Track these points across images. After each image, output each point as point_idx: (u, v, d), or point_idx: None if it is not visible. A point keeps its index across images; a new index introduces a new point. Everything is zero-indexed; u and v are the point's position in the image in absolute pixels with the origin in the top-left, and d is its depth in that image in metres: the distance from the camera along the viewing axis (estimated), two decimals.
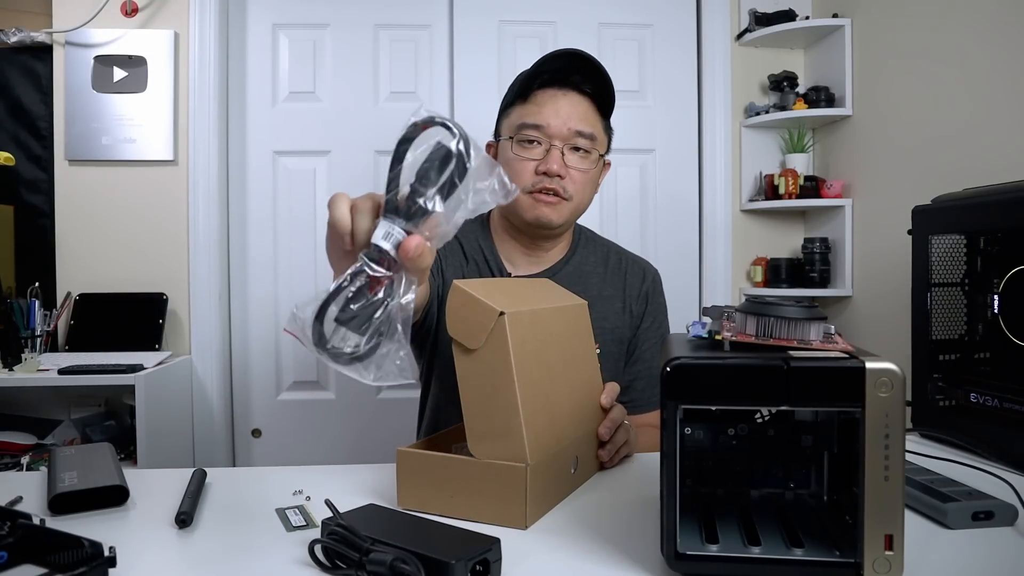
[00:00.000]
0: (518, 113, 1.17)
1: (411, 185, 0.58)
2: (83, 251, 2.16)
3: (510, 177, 1.00)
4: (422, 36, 2.30)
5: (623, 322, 1.24)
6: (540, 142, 1.15)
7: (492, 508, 0.72)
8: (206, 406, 2.19)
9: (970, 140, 1.67)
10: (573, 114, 1.15)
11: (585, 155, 1.17)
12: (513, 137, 1.17)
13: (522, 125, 1.16)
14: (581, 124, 1.15)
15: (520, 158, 1.15)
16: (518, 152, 1.16)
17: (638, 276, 1.28)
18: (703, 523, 0.64)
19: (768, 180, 2.27)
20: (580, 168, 1.16)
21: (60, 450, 0.89)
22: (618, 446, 0.92)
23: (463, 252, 1.25)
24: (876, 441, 0.54)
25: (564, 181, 1.14)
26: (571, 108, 1.15)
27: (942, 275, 1.08)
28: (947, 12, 1.75)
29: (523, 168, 1.15)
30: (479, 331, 0.73)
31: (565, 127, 1.14)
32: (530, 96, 1.17)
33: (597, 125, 1.18)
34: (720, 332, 0.61)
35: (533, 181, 1.15)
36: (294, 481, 0.84)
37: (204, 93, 2.17)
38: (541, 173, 1.14)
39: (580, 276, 1.23)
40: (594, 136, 1.17)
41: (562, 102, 1.15)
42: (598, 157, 1.18)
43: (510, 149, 1.17)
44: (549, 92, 1.16)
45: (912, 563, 0.58)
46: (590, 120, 1.17)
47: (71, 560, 0.58)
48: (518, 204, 1.17)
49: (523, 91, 1.17)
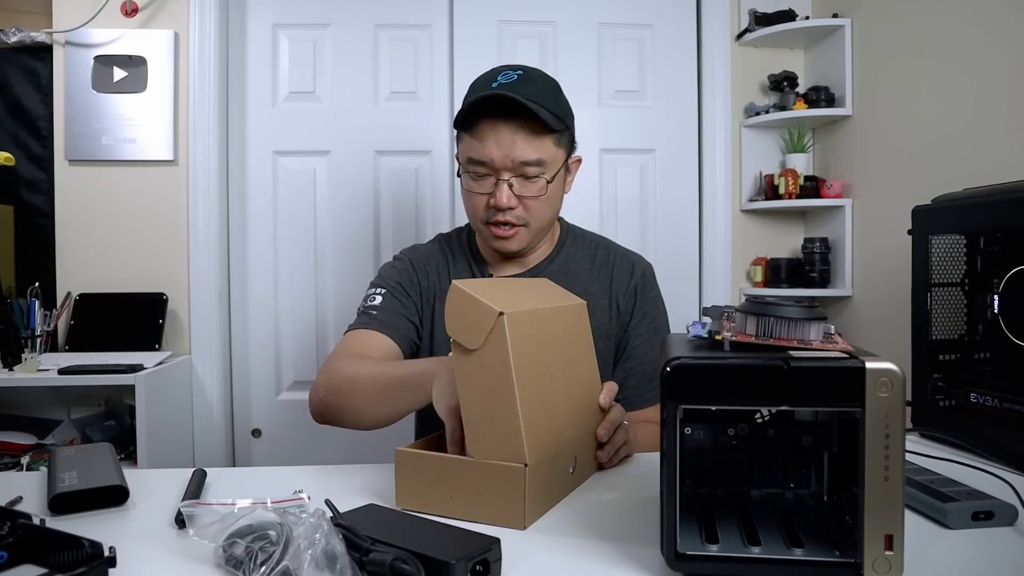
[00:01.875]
0: (465, 144, 1.17)
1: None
2: (83, 251, 2.16)
3: (468, 206, 1.01)
4: (422, 36, 2.30)
5: (609, 318, 1.24)
6: (489, 175, 1.15)
7: (491, 508, 0.72)
8: (206, 406, 2.19)
9: (970, 140, 1.67)
10: (516, 143, 1.12)
11: (535, 180, 1.15)
12: (464, 171, 1.18)
13: (469, 160, 1.16)
14: (524, 152, 1.12)
15: (472, 193, 1.17)
16: (470, 186, 1.17)
17: (626, 271, 1.27)
18: (703, 523, 0.64)
19: (768, 180, 2.27)
20: (530, 195, 1.15)
21: (60, 450, 0.89)
22: (617, 447, 0.92)
23: (447, 260, 1.27)
24: (876, 441, 0.54)
25: (516, 211, 1.15)
26: (512, 136, 1.12)
27: (942, 275, 1.08)
28: (947, 12, 1.75)
29: (477, 202, 1.16)
30: (478, 331, 0.73)
31: (508, 160, 1.12)
32: (475, 125, 1.14)
33: (543, 146, 1.14)
34: (720, 332, 0.61)
35: (487, 215, 1.16)
36: (294, 481, 0.84)
37: (204, 93, 2.17)
38: (492, 207, 1.15)
39: (565, 274, 1.23)
40: (541, 160, 1.14)
41: (503, 131, 1.12)
42: (551, 178, 1.16)
43: (463, 182, 1.19)
44: (490, 122, 1.13)
45: (912, 563, 0.58)
46: (533, 144, 1.13)
47: (71, 560, 0.58)
48: (480, 232, 1.22)
49: (467, 120, 1.15)
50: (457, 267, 1.27)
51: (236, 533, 0.60)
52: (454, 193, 2.29)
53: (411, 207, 2.31)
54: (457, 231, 1.34)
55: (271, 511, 0.60)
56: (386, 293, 1.22)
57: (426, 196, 2.31)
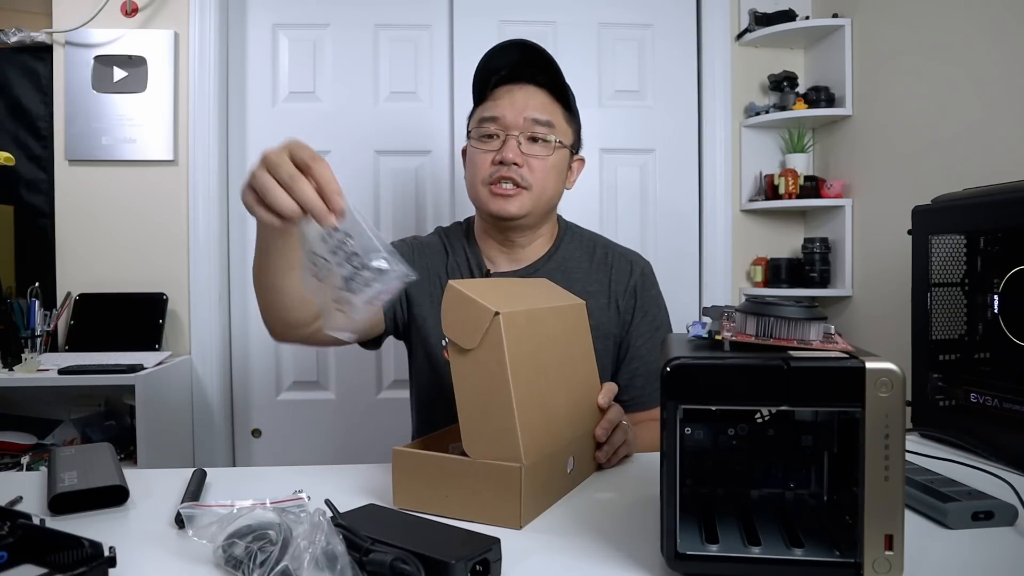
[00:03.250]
0: (479, 111, 1.21)
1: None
2: (83, 251, 2.16)
3: (471, 170, 1.01)
4: (422, 36, 2.30)
5: (608, 318, 1.23)
6: (498, 135, 1.17)
7: (487, 508, 0.72)
8: (206, 406, 2.19)
9: (970, 140, 1.67)
10: (528, 104, 1.17)
11: (544, 144, 1.17)
12: (473, 133, 1.20)
13: (480, 120, 1.18)
14: (536, 112, 1.16)
15: (478, 150, 1.18)
16: (476, 146, 1.19)
17: (624, 270, 1.27)
18: (703, 523, 0.64)
19: (768, 180, 2.27)
20: (538, 155, 1.17)
21: (60, 450, 0.89)
22: (616, 447, 0.92)
23: (446, 251, 1.27)
24: (876, 441, 0.54)
25: (522, 170, 1.15)
26: (526, 99, 1.17)
27: (942, 275, 1.08)
28: (947, 12, 1.75)
29: (482, 160, 1.17)
30: (474, 331, 0.73)
31: (520, 116, 1.15)
32: (489, 95, 1.20)
33: (556, 113, 1.19)
34: (720, 332, 0.61)
35: (491, 171, 1.16)
36: (294, 481, 0.84)
37: (204, 93, 2.17)
38: (497, 163, 1.15)
39: (563, 272, 1.23)
40: (551, 123, 1.18)
41: (518, 95, 1.17)
42: (559, 145, 1.19)
43: (472, 145, 1.20)
44: (505, 88, 1.19)
45: (912, 563, 0.58)
46: (547, 108, 1.18)
47: (71, 560, 0.58)
48: (479, 198, 1.19)
49: (481, 92, 1.21)
50: (456, 258, 1.26)
51: (235, 533, 0.60)
52: (454, 193, 2.29)
53: (411, 207, 2.31)
54: (456, 224, 1.34)
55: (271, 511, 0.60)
56: None
57: (426, 196, 2.31)
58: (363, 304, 0.70)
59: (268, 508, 0.61)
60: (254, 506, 0.63)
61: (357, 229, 0.72)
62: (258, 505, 0.63)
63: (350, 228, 0.72)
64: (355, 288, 0.70)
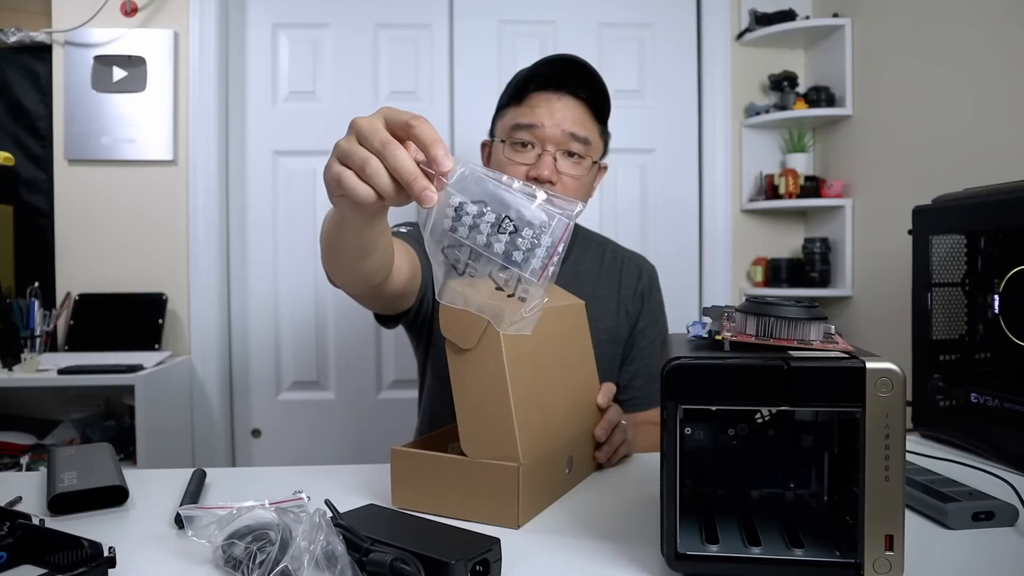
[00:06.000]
0: (512, 115, 1.16)
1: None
2: (83, 251, 2.16)
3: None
4: (422, 36, 2.30)
5: (617, 322, 1.23)
6: (533, 145, 1.13)
7: (485, 507, 0.72)
8: (206, 406, 2.19)
9: (970, 140, 1.67)
10: (568, 117, 1.13)
11: (579, 160, 1.14)
12: (506, 140, 1.15)
13: (515, 126, 1.14)
14: (576, 127, 1.13)
15: (512, 162, 1.13)
16: (510, 156, 1.14)
17: (633, 275, 1.27)
18: (703, 523, 0.64)
19: (768, 180, 2.27)
20: (572, 174, 1.14)
21: (60, 450, 0.89)
22: (615, 447, 0.92)
23: None
24: (876, 441, 0.54)
25: (555, 188, 1.11)
26: (566, 111, 1.13)
27: (942, 275, 1.08)
28: (947, 12, 1.75)
29: (514, 172, 1.13)
30: (471, 331, 0.73)
31: (559, 129, 1.12)
32: (525, 98, 1.15)
33: (593, 130, 1.17)
34: (720, 332, 0.61)
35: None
36: (294, 481, 0.84)
37: (204, 93, 2.17)
38: (532, 178, 1.11)
39: (575, 278, 1.23)
40: (588, 140, 1.15)
41: (557, 105, 1.13)
42: (592, 164, 1.16)
43: (502, 152, 1.16)
44: (544, 95, 1.14)
45: (912, 563, 0.58)
46: (585, 124, 1.15)
47: (71, 560, 0.58)
48: None
49: (518, 93, 1.15)
50: None
51: (235, 534, 0.60)
52: None
53: (411, 206, 2.31)
54: None
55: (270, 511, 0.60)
56: (411, 230, 1.14)
57: None
58: (539, 267, 0.55)
59: (268, 508, 0.61)
60: (254, 506, 0.62)
61: (485, 188, 0.56)
62: (257, 505, 0.63)
63: (476, 193, 0.57)
64: (521, 259, 0.56)
